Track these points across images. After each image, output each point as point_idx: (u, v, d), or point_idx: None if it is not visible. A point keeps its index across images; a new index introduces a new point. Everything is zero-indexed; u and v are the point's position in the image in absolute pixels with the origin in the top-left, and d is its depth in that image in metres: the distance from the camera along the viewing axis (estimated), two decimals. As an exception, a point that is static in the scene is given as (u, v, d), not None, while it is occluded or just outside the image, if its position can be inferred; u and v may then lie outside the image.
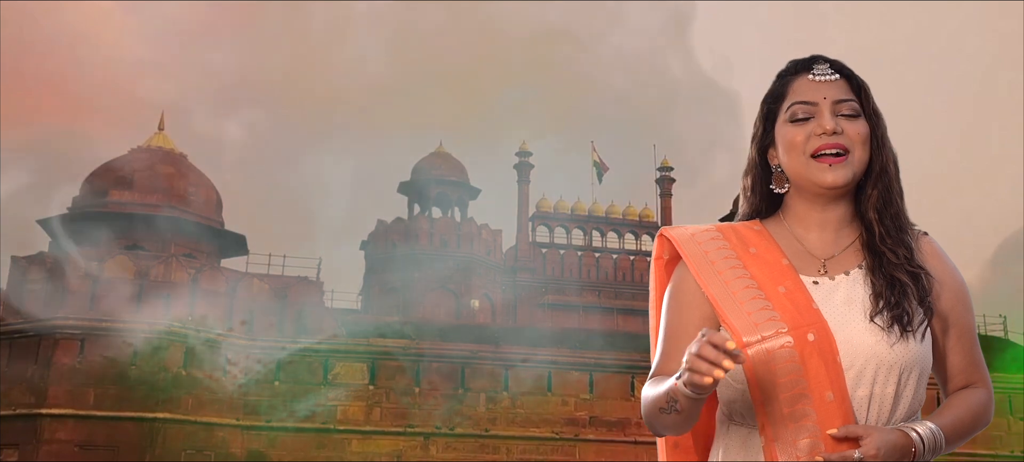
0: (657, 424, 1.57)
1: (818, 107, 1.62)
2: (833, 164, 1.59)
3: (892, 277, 1.58)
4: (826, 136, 1.60)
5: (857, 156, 1.61)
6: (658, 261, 1.75)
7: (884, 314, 1.55)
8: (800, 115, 1.63)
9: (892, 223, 1.62)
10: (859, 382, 1.53)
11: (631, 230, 43.40)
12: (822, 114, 1.61)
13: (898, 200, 1.63)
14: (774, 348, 1.53)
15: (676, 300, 1.66)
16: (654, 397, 1.54)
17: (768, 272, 1.62)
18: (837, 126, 1.60)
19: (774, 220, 1.72)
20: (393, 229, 38.94)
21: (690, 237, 1.69)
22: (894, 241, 1.61)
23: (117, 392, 21.98)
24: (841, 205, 1.65)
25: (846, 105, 1.62)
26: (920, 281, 1.59)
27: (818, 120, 1.61)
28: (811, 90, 1.63)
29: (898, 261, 1.59)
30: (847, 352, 1.54)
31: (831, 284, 1.61)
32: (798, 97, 1.64)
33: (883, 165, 1.62)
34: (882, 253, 1.60)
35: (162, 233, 26.75)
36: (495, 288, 38.89)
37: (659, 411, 1.53)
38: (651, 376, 1.63)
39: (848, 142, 1.60)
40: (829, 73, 1.64)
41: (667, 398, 1.49)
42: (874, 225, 1.62)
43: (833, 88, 1.63)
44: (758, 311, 1.56)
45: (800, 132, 1.62)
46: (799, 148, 1.62)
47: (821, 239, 1.66)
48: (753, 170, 1.72)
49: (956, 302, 1.65)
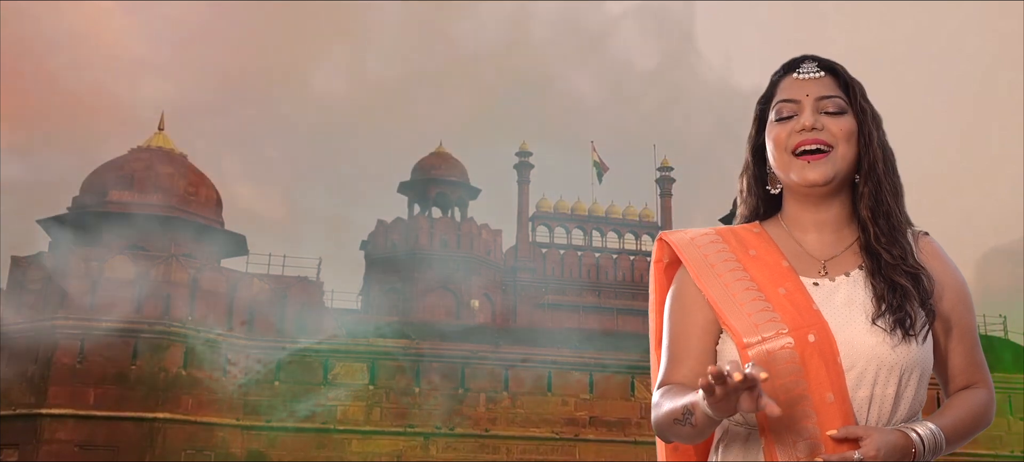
0: (669, 434, 1.56)
1: (801, 104, 1.62)
2: (812, 160, 1.59)
3: (892, 280, 1.57)
4: (805, 132, 1.60)
5: (840, 153, 1.60)
6: (657, 265, 1.75)
7: (887, 317, 1.54)
8: (784, 113, 1.63)
9: (885, 222, 1.61)
10: (860, 383, 1.53)
11: (631, 230, 43.40)
12: (804, 111, 1.61)
13: (890, 199, 1.62)
14: (775, 349, 1.53)
15: (678, 304, 1.66)
16: (669, 409, 1.53)
17: (768, 274, 1.62)
18: (817, 122, 1.60)
19: (773, 222, 1.72)
20: (393, 229, 38.94)
21: (689, 241, 1.69)
22: (888, 240, 1.60)
23: (117, 392, 21.98)
24: (835, 205, 1.65)
25: (830, 101, 1.62)
26: (920, 283, 1.58)
27: (799, 117, 1.61)
28: (795, 88, 1.63)
29: (894, 261, 1.58)
30: (848, 353, 1.54)
31: (831, 285, 1.61)
32: (783, 95, 1.64)
33: (871, 162, 1.61)
34: (878, 253, 1.60)
35: (162, 233, 26.74)
36: (495, 288, 38.88)
37: (673, 422, 1.52)
38: (659, 385, 1.62)
39: (830, 138, 1.60)
40: (813, 71, 1.64)
41: (684, 411, 1.49)
42: (868, 224, 1.62)
43: (817, 85, 1.63)
44: (758, 312, 1.56)
45: (783, 130, 1.62)
46: (782, 145, 1.62)
47: (820, 241, 1.66)
48: (748, 171, 1.73)
49: (957, 302, 1.64)
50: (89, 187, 28.16)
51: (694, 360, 1.61)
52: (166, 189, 27.58)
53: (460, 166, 41.09)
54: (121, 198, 27.20)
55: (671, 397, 1.55)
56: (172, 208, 27.20)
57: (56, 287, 22.84)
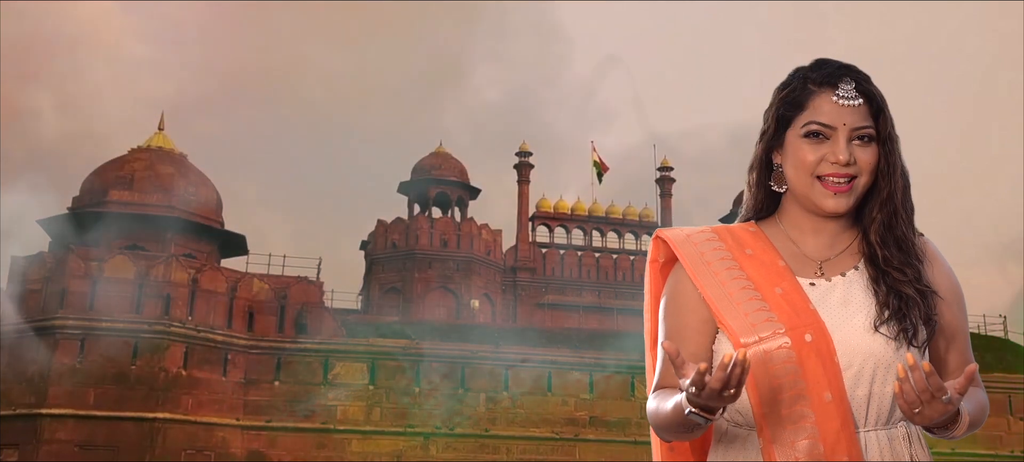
0: (666, 435, 1.57)
1: (836, 132, 1.58)
2: (837, 192, 1.58)
3: (899, 291, 1.57)
4: (838, 165, 1.58)
5: (862, 182, 1.59)
6: (653, 263, 1.75)
7: (892, 324, 1.54)
8: (817, 133, 1.60)
9: (896, 249, 1.60)
10: (858, 382, 1.53)
11: (631, 230, 43.38)
12: (838, 141, 1.58)
13: (903, 225, 1.61)
14: (771, 349, 1.52)
15: (674, 303, 1.65)
16: (664, 414, 1.53)
17: (764, 273, 1.62)
18: (850, 158, 1.57)
19: (770, 222, 1.71)
20: (393, 229, 38.94)
21: (686, 239, 1.68)
22: (900, 262, 1.59)
23: (117, 392, 21.98)
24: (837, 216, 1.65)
25: (862, 131, 1.59)
26: (928, 300, 1.58)
27: (833, 147, 1.58)
28: (833, 113, 1.59)
29: (906, 279, 1.58)
30: (845, 352, 1.53)
31: (828, 285, 1.61)
32: (817, 117, 1.60)
33: (891, 191, 1.60)
34: (887, 273, 1.59)
35: (162, 233, 26.74)
36: (495, 288, 38.88)
37: (669, 425, 1.53)
38: (654, 387, 1.62)
39: (857, 171, 1.58)
40: (853, 97, 1.60)
41: (674, 412, 1.49)
42: (876, 248, 1.61)
43: (854, 114, 1.59)
44: (755, 312, 1.56)
45: (812, 152, 1.59)
46: (808, 168, 1.59)
47: (817, 243, 1.66)
48: (758, 167, 1.70)
49: (952, 305, 1.64)
50: (89, 187, 28.17)
51: (690, 359, 1.60)
52: (166, 189, 27.57)
53: (460, 166, 41.09)
54: (121, 198, 27.20)
55: (661, 399, 1.56)
56: (172, 208, 27.19)
57: (56, 287, 22.84)
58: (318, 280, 26.47)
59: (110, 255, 23.70)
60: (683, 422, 1.47)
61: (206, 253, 27.45)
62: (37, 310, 22.73)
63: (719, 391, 1.39)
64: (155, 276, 23.33)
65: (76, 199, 28.23)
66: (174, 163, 28.61)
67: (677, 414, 1.48)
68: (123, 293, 22.92)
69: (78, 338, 22.19)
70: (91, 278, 22.97)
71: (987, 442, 25.65)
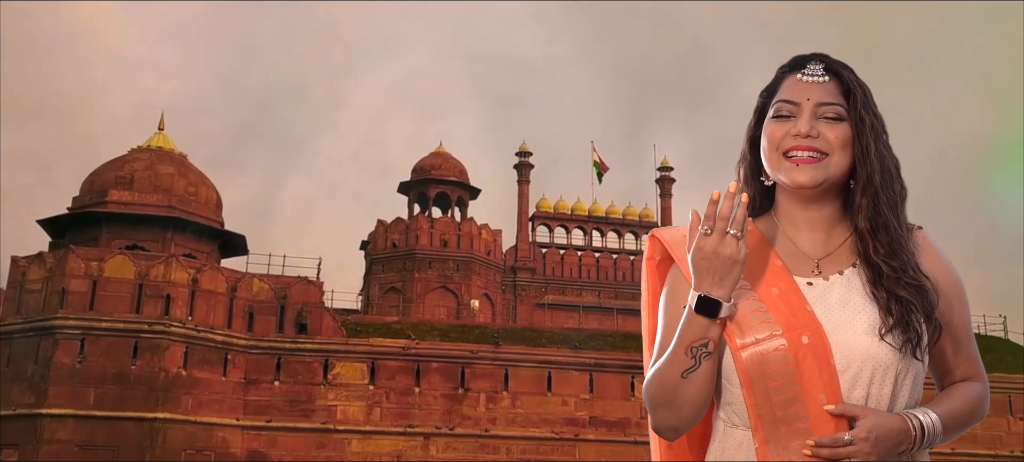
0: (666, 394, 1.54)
1: (800, 107, 1.60)
2: (801, 164, 1.58)
3: (895, 293, 1.55)
4: (800, 137, 1.59)
5: (834, 160, 1.59)
6: (650, 262, 1.74)
7: (896, 333, 1.52)
8: (783, 112, 1.62)
9: (884, 235, 1.59)
10: (855, 384, 1.51)
11: (631, 230, 43.39)
12: (802, 115, 1.60)
13: (887, 211, 1.60)
14: (768, 351, 1.51)
15: (672, 303, 1.64)
16: (664, 364, 1.53)
17: (761, 273, 1.61)
18: (812, 129, 1.58)
19: (766, 219, 1.70)
20: (393, 229, 38.94)
21: (682, 238, 1.67)
22: (887, 252, 1.58)
23: (117, 392, 21.98)
24: (826, 205, 1.64)
25: (830, 108, 1.60)
26: (925, 294, 1.56)
27: (796, 120, 1.60)
28: (797, 90, 1.62)
29: (894, 274, 1.57)
30: (843, 355, 1.52)
31: (825, 284, 1.60)
32: (784, 95, 1.63)
33: (868, 174, 1.59)
34: (878, 266, 1.58)
35: (162, 233, 26.75)
36: (495, 288, 38.89)
37: (680, 375, 1.51)
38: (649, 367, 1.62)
39: (825, 146, 1.58)
40: (818, 74, 1.62)
41: (686, 349, 1.50)
42: (867, 237, 1.60)
43: (820, 89, 1.61)
44: (752, 313, 1.55)
45: (779, 129, 1.61)
46: (775, 145, 1.61)
47: (812, 239, 1.65)
48: (744, 161, 1.71)
49: (951, 298, 1.63)
50: (89, 187, 28.16)
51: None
52: (166, 189, 27.57)
53: (460, 166, 41.09)
54: (121, 198, 27.20)
55: (660, 358, 1.55)
56: (172, 208, 27.19)
57: (56, 287, 22.85)
58: (318, 280, 26.48)
59: (110, 255, 23.71)
60: (688, 331, 1.50)
61: (206, 253, 27.45)
62: (37, 310, 22.74)
63: (724, 228, 1.46)
64: (155, 276, 23.33)
65: (76, 199, 28.21)
66: (174, 163, 28.60)
67: (680, 341, 1.50)
68: (123, 293, 22.93)
69: (78, 338, 22.19)
70: (91, 278, 22.97)
71: (987, 442, 25.65)
